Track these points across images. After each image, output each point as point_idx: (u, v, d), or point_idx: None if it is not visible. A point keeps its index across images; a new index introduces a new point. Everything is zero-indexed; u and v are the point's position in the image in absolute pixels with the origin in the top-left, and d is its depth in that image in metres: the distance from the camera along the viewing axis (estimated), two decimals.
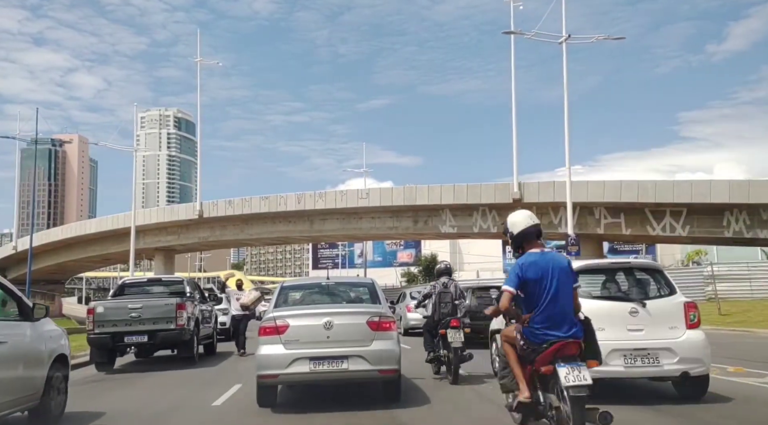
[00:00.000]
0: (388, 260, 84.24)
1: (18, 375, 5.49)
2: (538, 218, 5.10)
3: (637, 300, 6.65)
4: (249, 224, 40.65)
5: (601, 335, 5.36)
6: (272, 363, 6.58)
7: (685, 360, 6.41)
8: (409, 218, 35.71)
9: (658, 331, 6.50)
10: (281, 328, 6.60)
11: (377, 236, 42.30)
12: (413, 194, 34.22)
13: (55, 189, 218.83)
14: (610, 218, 31.02)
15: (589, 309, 5.65)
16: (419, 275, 68.98)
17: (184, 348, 11.70)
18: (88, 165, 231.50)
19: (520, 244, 5.03)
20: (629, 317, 6.51)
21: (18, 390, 5.52)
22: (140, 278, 16.67)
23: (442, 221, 34.76)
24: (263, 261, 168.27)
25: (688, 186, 28.49)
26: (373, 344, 6.60)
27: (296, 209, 37.27)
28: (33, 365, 5.82)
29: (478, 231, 34.55)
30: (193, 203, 42.42)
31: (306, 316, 6.85)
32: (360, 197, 35.78)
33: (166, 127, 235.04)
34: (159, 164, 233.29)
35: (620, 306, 6.61)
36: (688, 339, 6.53)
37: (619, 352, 6.37)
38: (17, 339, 5.62)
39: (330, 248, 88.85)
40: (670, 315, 6.62)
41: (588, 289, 6.82)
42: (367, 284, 8.08)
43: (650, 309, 6.55)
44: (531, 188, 31.65)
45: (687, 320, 6.61)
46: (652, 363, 6.40)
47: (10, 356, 5.38)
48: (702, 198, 27.75)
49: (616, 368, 6.35)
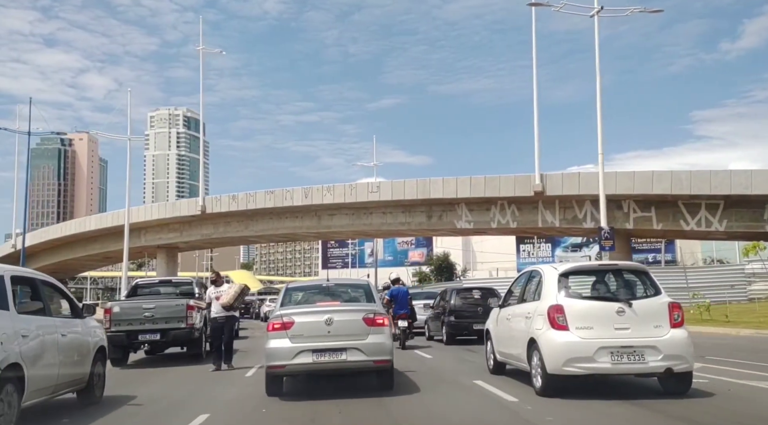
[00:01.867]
0: (399, 259, 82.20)
1: (74, 362, 6.82)
2: (561, 212, 11.23)
3: (624, 300, 6.94)
4: (254, 221, 38.79)
5: (589, 333, 6.69)
6: (280, 354, 7.40)
7: (669, 357, 6.68)
8: (423, 213, 33.61)
9: (643, 329, 6.78)
10: (288, 324, 7.44)
11: (388, 232, 40.10)
12: (427, 187, 32.10)
13: (65, 188, 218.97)
14: (639, 212, 28.79)
15: (578, 309, 6.87)
16: (431, 274, 66.94)
17: (193, 345, 12.52)
18: (98, 164, 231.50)
19: (394, 282, 15.28)
20: (616, 317, 6.82)
21: (73, 374, 6.84)
22: (152, 280, 17.45)
23: (458, 216, 32.65)
24: (272, 261, 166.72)
25: (726, 176, 26.21)
26: (368, 338, 7.45)
27: (303, 203, 35.31)
28: (83, 354, 7.12)
29: (496, 227, 32.41)
30: (196, 199, 40.57)
31: (309, 313, 7.64)
32: (370, 191, 33.70)
33: (175, 126, 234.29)
34: (168, 163, 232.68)
35: (608, 306, 6.93)
36: (672, 337, 6.78)
37: (607, 350, 6.67)
38: (73, 333, 6.93)
39: (340, 247, 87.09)
40: (655, 315, 6.89)
41: (578, 290, 7.33)
42: (363, 285, 8.95)
43: (636, 309, 6.85)
44: (554, 180, 29.43)
45: (671, 319, 6.87)
46: (638, 360, 6.68)
47: (69, 346, 6.73)
48: (742, 190, 25.50)
49: (603, 364, 6.67)
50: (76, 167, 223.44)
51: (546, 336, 6.94)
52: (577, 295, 7.21)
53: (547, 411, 6.26)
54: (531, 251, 73.43)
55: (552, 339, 6.87)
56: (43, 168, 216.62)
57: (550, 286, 7.25)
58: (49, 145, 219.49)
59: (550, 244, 73.45)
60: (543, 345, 6.95)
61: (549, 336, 6.90)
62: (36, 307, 6.33)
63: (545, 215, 30.69)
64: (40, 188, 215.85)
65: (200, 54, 39.95)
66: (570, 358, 6.70)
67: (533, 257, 71.02)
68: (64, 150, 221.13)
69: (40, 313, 6.35)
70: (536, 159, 29.50)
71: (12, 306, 5.74)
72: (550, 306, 7.01)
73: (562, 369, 6.76)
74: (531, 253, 73.18)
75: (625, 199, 28.18)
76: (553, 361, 6.80)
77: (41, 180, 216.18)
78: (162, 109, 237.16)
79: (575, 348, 6.71)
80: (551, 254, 73.25)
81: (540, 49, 28.58)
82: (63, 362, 6.47)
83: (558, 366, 6.76)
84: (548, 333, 6.92)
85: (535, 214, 30.95)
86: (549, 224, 30.80)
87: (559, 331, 6.85)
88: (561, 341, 6.80)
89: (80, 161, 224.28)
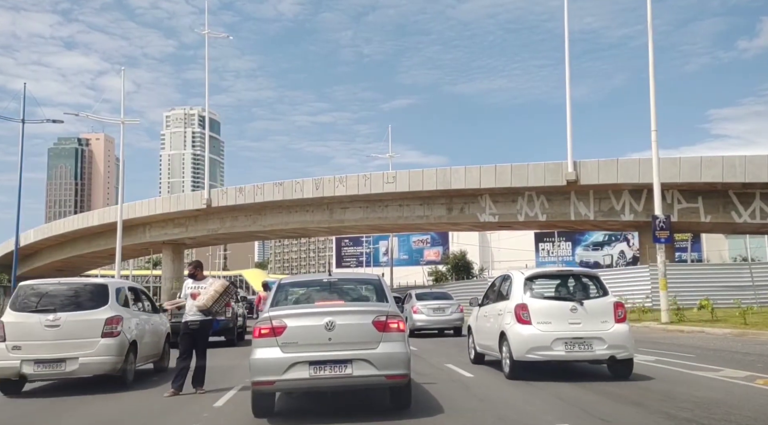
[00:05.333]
0: (414, 258, 79.66)
1: (155, 342, 9.98)
2: (596, 203, 10.22)
3: (577, 300, 8.32)
4: (262, 215, 36.51)
5: (548, 327, 8.12)
6: (268, 368, 5.97)
7: (612, 347, 8.04)
8: (443, 206, 31.03)
9: (592, 324, 8.13)
10: (278, 329, 6.04)
11: (405, 226, 37.45)
12: (447, 177, 29.50)
13: (82, 188, 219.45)
14: (684, 203, 25.97)
15: (539, 307, 8.27)
16: (448, 273, 64.25)
17: (229, 334, 15.50)
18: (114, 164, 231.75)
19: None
20: (570, 313, 8.17)
21: (154, 351, 9.99)
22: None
23: (481, 209, 30.02)
24: (287, 259, 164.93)
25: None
26: (379, 346, 6.06)
27: (314, 196, 32.94)
28: (159, 337, 10.23)
29: (523, 220, 29.73)
30: (201, 192, 38.44)
31: (305, 316, 6.24)
32: (386, 182, 31.16)
33: (191, 126, 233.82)
34: (184, 163, 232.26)
35: (563, 305, 8.30)
36: (616, 330, 8.14)
37: (561, 340, 8.03)
38: (154, 323, 10.05)
39: (354, 245, 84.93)
40: (602, 312, 8.27)
41: (541, 291, 8.71)
42: (372, 280, 7.58)
43: (587, 307, 8.22)
44: (589, 168, 26.68)
45: (615, 316, 8.26)
46: (587, 349, 8.05)
47: (153, 332, 9.88)
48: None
49: (558, 352, 8.04)
50: (93, 167, 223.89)
51: (513, 329, 8.30)
52: (539, 295, 8.56)
53: (506, 388, 7.65)
54: (550, 249, 70.27)
55: (518, 332, 8.23)
56: (61, 168, 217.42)
57: (517, 288, 8.60)
58: (66, 145, 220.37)
59: (570, 242, 70.29)
60: (510, 337, 8.30)
61: (515, 330, 8.26)
62: (139, 307, 9.75)
63: (578, 206, 27.97)
64: (58, 188, 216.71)
65: (205, 38, 38.03)
66: (532, 347, 8.07)
67: (553, 256, 68.08)
68: (81, 150, 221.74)
69: (140, 310, 9.77)
70: (569, 145, 26.81)
71: (130, 307, 9.31)
72: (516, 305, 8.37)
73: (525, 356, 8.13)
74: (551, 251, 70.07)
75: (669, 188, 25.29)
76: (518, 350, 8.16)
77: (59, 180, 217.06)
78: (177, 109, 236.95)
79: (536, 339, 8.08)
80: (571, 253, 70.20)
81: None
82: (152, 341, 9.79)
83: (522, 353, 8.13)
84: (515, 326, 8.28)
85: (567, 206, 28.23)
86: (582, 216, 28.07)
87: (524, 325, 8.21)
88: (525, 333, 8.16)
89: (97, 161, 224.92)
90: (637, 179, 25.36)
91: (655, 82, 18.95)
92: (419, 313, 17.56)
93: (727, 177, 23.95)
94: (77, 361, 8.07)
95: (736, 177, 23.83)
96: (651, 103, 18.54)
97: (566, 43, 27.09)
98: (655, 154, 18.71)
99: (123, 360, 8.43)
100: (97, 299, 8.56)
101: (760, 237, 44.08)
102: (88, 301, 8.53)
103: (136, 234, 42.38)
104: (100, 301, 8.53)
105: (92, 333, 8.21)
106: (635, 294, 21.37)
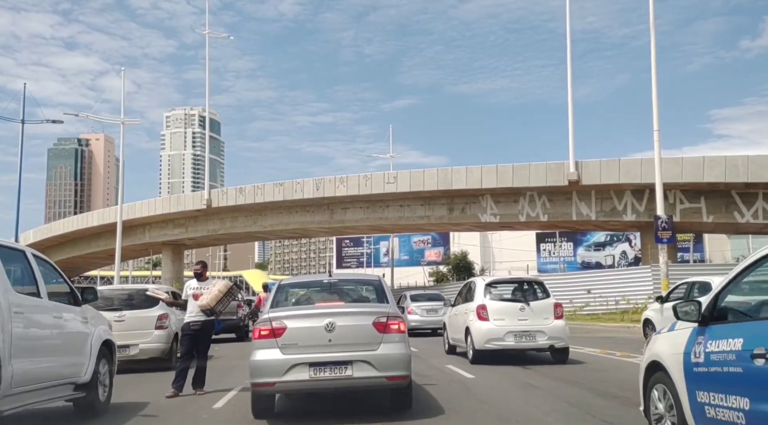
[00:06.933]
0: (415, 258, 79.54)
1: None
2: (598, 203, 11.98)
3: (525, 301, 10.61)
4: (262, 215, 36.43)
5: (502, 323, 10.28)
6: (268, 369, 5.96)
7: (552, 338, 10.29)
8: (444, 206, 30.92)
9: (536, 320, 10.35)
10: (278, 330, 6.02)
11: (406, 226, 37.36)
12: (448, 177, 29.40)
13: (82, 189, 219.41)
14: (687, 203, 25.86)
15: (495, 307, 10.47)
16: (449, 274, 64.13)
17: (240, 332, 18.34)
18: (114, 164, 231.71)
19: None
20: (519, 312, 10.41)
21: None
22: None
23: (482, 209, 29.92)
24: (287, 260, 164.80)
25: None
26: (380, 347, 6.04)
27: (314, 196, 32.86)
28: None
29: (525, 220, 29.63)
30: (201, 192, 38.36)
31: (305, 317, 6.24)
32: (387, 182, 31.06)
33: (191, 126, 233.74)
34: (184, 163, 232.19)
35: (514, 305, 10.60)
36: (554, 325, 10.40)
37: (512, 333, 10.24)
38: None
39: (355, 246, 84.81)
40: (545, 311, 10.50)
41: (499, 293, 11.09)
42: (373, 281, 7.56)
43: (533, 307, 10.49)
44: (591, 168, 26.58)
45: (555, 314, 10.50)
46: (532, 339, 10.29)
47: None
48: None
49: (509, 343, 10.27)
50: (93, 167, 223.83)
51: (474, 325, 10.42)
52: (497, 297, 10.80)
53: (507, 389, 8.04)
54: (552, 250, 70.15)
55: (478, 327, 10.35)
56: (60, 168, 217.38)
57: (479, 292, 10.77)
58: (66, 145, 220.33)
59: (572, 243, 70.11)
60: (473, 331, 10.42)
61: (476, 325, 10.39)
62: None
63: (580, 207, 27.87)
64: (58, 188, 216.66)
65: (206, 38, 37.94)
66: (489, 339, 10.22)
67: (554, 257, 67.99)
68: (81, 150, 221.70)
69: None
70: (570, 145, 26.72)
71: None
72: (477, 305, 10.49)
73: (484, 346, 10.26)
74: (552, 252, 69.95)
75: (671, 188, 25.19)
76: (479, 341, 10.29)
77: (58, 180, 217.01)
78: (178, 109, 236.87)
79: (492, 332, 10.21)
80: (573, 253, 70.05)
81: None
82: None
83: (482, 344, 10.27)
84: (476, 323, 10.39)
85: (569, 206, 28.13)
86: (584, 216, 27.96)
87: (483, 322, 10.32)
88: (484, 328, 10.28)
89: (97, 161, 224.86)
90: (639, 179, 25.26)
91: (657, 82, 18.85)
92: (413, 314, 18.40)
93: (729, 177, 23.85)
94: (138, 347, 10.52)
95: (739, 177, 23.73)
96: (653, 103, 18.48)
97: (568, 42, 27.12)
98: (657, 154, 18.63)
99: (169, 347, 10.92)
100: (149, 301, 10.74)
101: (763, 237, 43.93)
102: (144, 303, 10.95)
103: (136, 235, 42.29)
104: (152, 302, 10.74)
105: (148, 326, 10.71)
106: (637, 295, 21.28)
